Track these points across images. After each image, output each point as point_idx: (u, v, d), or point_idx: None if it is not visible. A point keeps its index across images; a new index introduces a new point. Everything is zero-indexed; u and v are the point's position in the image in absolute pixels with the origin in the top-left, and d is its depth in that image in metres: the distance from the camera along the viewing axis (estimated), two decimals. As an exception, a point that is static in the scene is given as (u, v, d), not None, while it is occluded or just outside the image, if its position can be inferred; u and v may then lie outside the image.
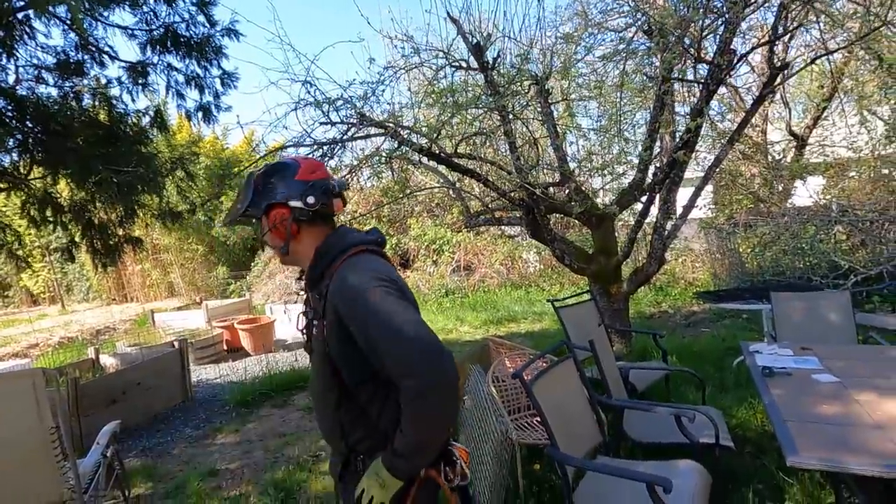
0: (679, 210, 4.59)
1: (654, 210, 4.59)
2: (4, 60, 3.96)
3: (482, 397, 2.91)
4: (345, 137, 4.15)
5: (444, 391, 1.07)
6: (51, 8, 3.39)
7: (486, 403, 2.80)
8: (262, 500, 2.99)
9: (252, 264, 13.40)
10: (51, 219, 4.23)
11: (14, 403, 2.29)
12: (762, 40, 4.05)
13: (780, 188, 7.67)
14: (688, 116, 5.53)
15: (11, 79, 3.97)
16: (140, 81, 4.33)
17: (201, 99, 4.39)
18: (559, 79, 5.02)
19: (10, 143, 3.91)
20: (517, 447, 2.58)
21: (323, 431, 1.39)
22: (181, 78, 4.28)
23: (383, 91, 4.14)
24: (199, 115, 4.37)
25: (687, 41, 3.83)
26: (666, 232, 4.43)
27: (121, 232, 4.37)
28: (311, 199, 1.27)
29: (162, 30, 3.96)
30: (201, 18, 4.01)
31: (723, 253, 8.02)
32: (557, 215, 6.31)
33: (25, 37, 4.01)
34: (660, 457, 2.42)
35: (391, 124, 3.87)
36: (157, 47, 4.15)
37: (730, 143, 4.25)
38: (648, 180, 4.51)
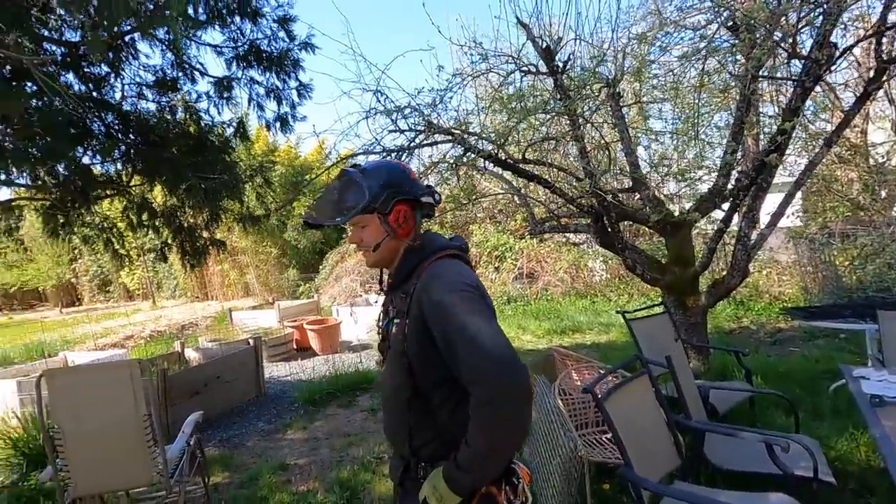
0: (764, 218, 4.24)
1: (737, 218, 4.27)
2: (113, 79, 4.40)
3: (549, 410, 2.82)
4: (412, 145, 4.22)
5: (515, 401, 1.05)
6: (152, 30, 3.71)
7: (552, 417, 2.71)
8: (328, 498, 3.07)
9: (320, 267, 13.97)
10: (146, 222, 4.62)
11: (115, 390, 2.51)
12: (868, 32, 3.66)
13: (884, 194, 6.89)
14: (775, 117, 5.12)
15: (118, 96, 4.40)
16: (225, 95, 4.65)
17: (279, 110, 4.64)
18: (631, 81, 4.82)
19: (116, 154, 4.33)
20: (586, 465, 2.47)
21: (388, 432, 1.39)
22: (262, 90, 4.54)
23: (451, 98, 4.17)
24: (277, 125, 4.62)
25: (778, 35, 3.54)
26: (751, 242, 4.11)
27: (206, 235, 4.70)
28: (437, 198, 1.34)
29: (246, 46, 4.23)
30: (282, 34, 4.25)
31: (815, 266, 7.33)
32: (627, 223, 6.05)
33: (130, 58, 4.43)
34: (746, 487, 2.22)
35: (458, 131, 3.89)
36: (242, 63, 4.43)
37: (827, 145, 3.87)
38: (730, 186, 4.21)
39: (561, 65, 3.81)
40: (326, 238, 14.77)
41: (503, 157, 4.08)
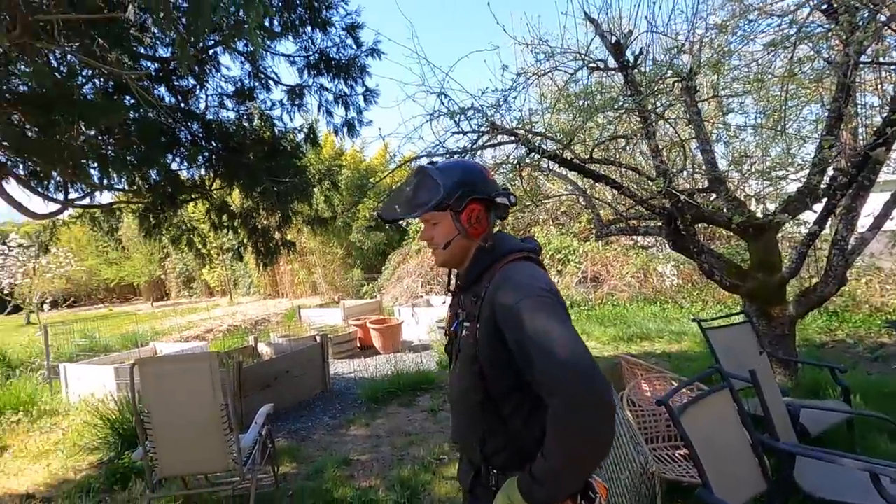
0: (864, 220, 3.81)
1: (832, 220, 3.87)
2: (198, 91, 4.74)
3: (617, 422, 2.69)
4: (475, 146, 4.20)
5: (593, 412, 0.99)
6: (233, 43, 3.96)
7: (621, 430, 2.58)
8: (389, 496, 3.11)
9: (383, 268, 14.31)
10: (226, 223, 4.93)
11: (196, 380, 2.68)
12: None
13: None
14: (880, 108, 4.60)
15: (202, 106, 4.73)
16: (297, 102, 4.87)
17: (346, 115, 4.79)
18: (708, 74, 4.51)
19: (200, 160, 4.66)
20: (658, 482, 2.33)
21: (457, 435, 1.36)
22: (330, 97, 4.71)
23: (515, 98, 4.11)
24: (345, 129, 4.77)
25: (885, 16, 3.17)
26: (849, 246, 3.71)
27: (278, 236, 4.95)
28: (512, 199, 1.31)
29: (317, 55, 4.41)
30: (349, 41, 4.39)
31: (925, 274, 6.50)
32: (701, 225, 5.67)
33: (213, 70, 4.75)
34: (844, 519, 1.99)
35: (522, 131, 3.82)
36: (312, 71, 4.62)
37: (944, 137, 3.41)
38: (824, 184, 3.82)
39: (632, 59, 3.64)
40: (389, 239, 15.11)
41: (569, 157, 3.96)
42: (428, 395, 5.17)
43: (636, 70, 3.70)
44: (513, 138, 4.03)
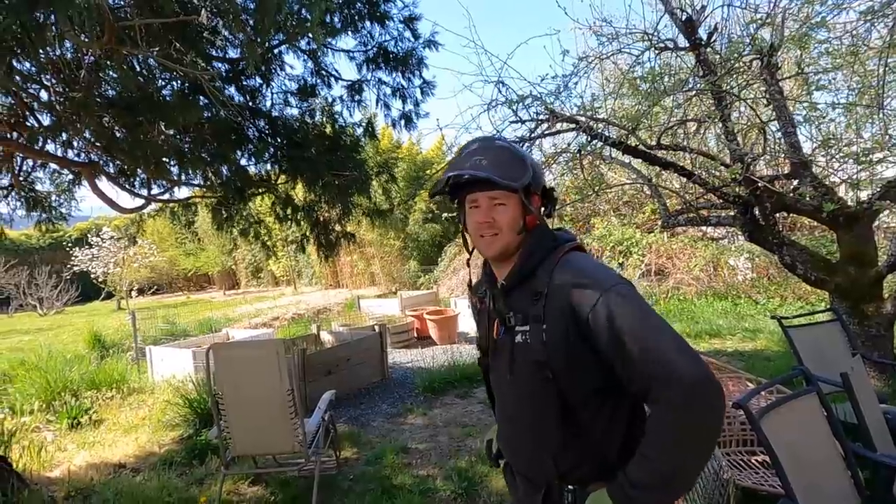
0: None
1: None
2: (264, 90, 4.95)
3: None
4: (533, 135, 4.10)
5: (712, 399, 0.93)
6: (296, 42, 4.08)
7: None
8: (446, 485, 3.14)
9: (438, 259, 14.42)
10: (290, 216, 5.13)
11: (264, 365, 2.82)
12: None
13: None
14: None
15: (268, 104, 4.93)
16: (356, 98, 4.96)
17: (404, 108, 4.81)
18: (791, 48, 4.13)
19: (266, 156, 4.87)
20: (732, 488, 2.18)
21: (518, 454, 1.23)
22: (388, 90, 4.75)
23: (576, 84, 3.96)
24: (402, 122, 4.80)
25: None
26: (962, 237, 3.28)
27: (338, 228, 5.09)
28: (555, 195, 1.24)
29: (375, 49, 4.45)
30: (407, 34, 4.40)
31: None
32: (781, 214, 5.24)
33: (278, 69, 4.93)
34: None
35: (583, 118, 3.68)
36: (371, 65, 4.68)
37: None
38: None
39: (704, 37, 3.39)
40: (445, 231, 15.19)
41: (633, 144, 3.77)
42: (484, 387, 5.15)
43: (709, 48, 3.45)
44: (573, 126, 3.90)
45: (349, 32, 4.42)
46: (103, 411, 5.05)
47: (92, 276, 17.48)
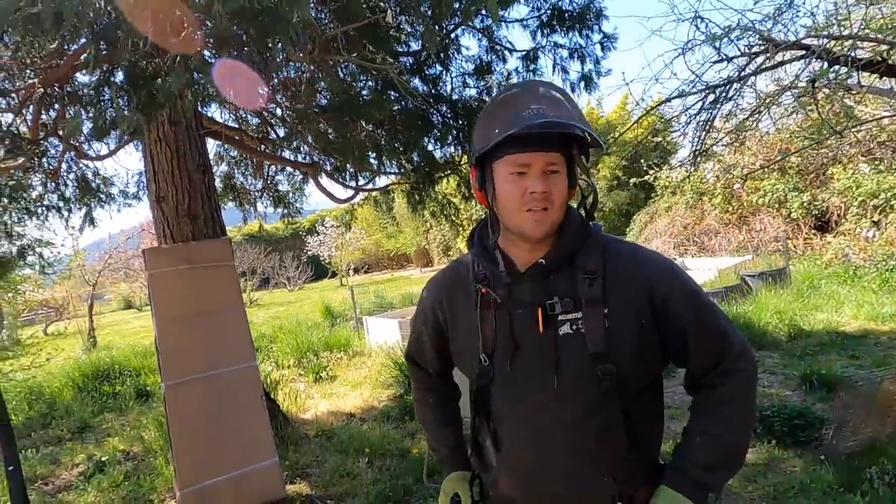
0: None
1: None
2: (444, 76, 5.19)
3: None
4: (744, 74, 3.42)
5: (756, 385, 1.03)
6: (470, 21, 4.16)
7: None
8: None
9: (627, 229, 13.43)
10: (473, 195, 5.35)
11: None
12: None
13: None
14: None
15: (448, 88, 5.17)
16: (531, 68, 4.84)
17: (583, 69, 4.52)
18: None
19: (449, 140, 5.14)
20: None
21: (562, 469, 0.96)
22: (565, 53, 4.52)
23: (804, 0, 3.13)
24: (582, 84, 4.52)
25: None
26: None
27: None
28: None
29: (549, 11, 4.26)
30: (582, -12, 4.09)
31: None
32: None
33: (455, 53, 5.11)
34: None
35: (819, 40, 2.92)
36: (545, 29, 4.50)
37: None
38: None
39: None
40: (633, 199, 14.06)
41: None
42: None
43: None
44: (802, 53, 3.12)
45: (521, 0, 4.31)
46: (335, 369, 6.10)
47: (320, 258, 21.21)
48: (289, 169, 5.99)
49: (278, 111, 4.85)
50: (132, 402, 5.41)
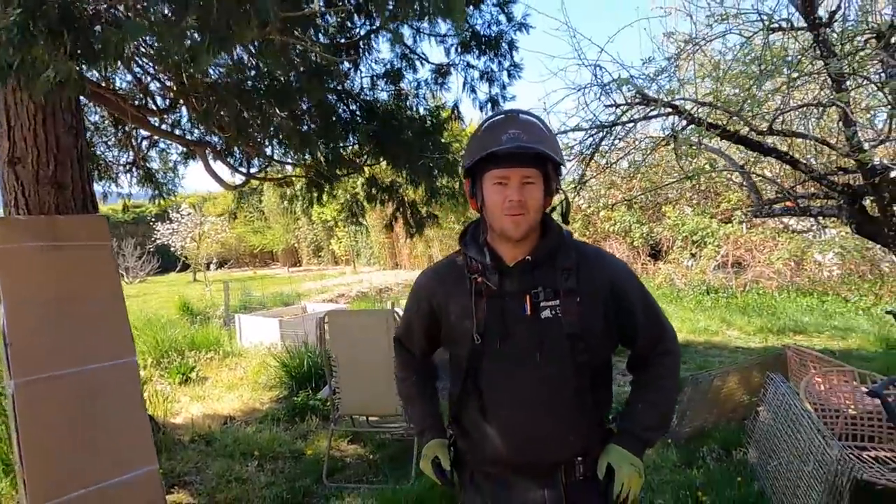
0: None
1: None
2: (352, 72, 5.14)
3: (795, 412, 2.54)
4: (626, 120, 4.05)
5: None
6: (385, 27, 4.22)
7: (802, 421, 2.43)
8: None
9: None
10: (375, 196, 5.35)
11: (374, 333, 3.03)
12: None
13: None
14: None
15: (357, 86, 5.13)
16: (440, 81, 5.05)
17: (490, 91, 4.87)
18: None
19: (355, 138, 5.09)
20: (847, 480, 2.16)
21: (532, 443, 1.17)
22: (476, 74, 4.82)
23: (675, 69, 3.85)
24: (489, 106, 4.85)
25: None
26: None
27: (424, 210, 5.25)
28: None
29: (469, 33, 4.52)
30: (501, 17, 4.43)
31: None
32: None
33: (365, 52, 5.10)
34: None
35: (687, 103, 3.60)
36: (460, 49, 4.75)
37: None
38: None
39: (826, 16, 3.23)
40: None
41: (735, 130, 3.65)
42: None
43: (829, 28, 3.27)
44: (669, 111, 3.82)
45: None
46: (205, 370, 5.54)
47: (171, 248, 18.86)
48: (162, 145, 5.36)
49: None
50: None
